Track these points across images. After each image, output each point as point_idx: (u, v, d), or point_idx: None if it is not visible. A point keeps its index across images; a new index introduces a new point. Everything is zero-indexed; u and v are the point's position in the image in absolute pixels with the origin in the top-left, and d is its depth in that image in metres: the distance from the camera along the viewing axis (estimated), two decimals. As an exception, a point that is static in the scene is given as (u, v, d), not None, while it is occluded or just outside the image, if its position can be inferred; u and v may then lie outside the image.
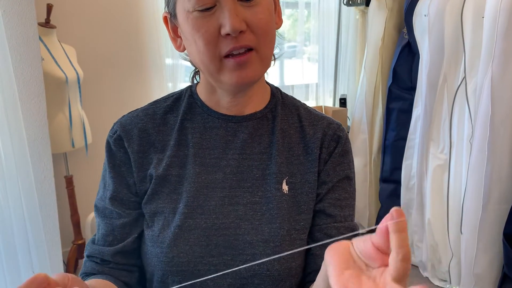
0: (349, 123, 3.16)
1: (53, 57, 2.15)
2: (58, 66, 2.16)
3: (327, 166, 0.76)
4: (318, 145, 0.76)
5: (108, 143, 0.76)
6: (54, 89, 2.11)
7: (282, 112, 0.78)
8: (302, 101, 0.83)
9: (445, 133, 2.47)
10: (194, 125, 0.75)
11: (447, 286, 2.31)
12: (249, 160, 0.73)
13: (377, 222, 2.75)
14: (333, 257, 0.42)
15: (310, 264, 0.74)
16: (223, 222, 0.70)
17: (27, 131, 1.63)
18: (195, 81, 0.83)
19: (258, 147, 0.74)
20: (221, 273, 0.67)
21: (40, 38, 2.02)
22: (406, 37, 2.68)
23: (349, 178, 0.77)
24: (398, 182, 2.78)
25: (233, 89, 0.71)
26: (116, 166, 0.75)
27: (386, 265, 0.39)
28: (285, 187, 0.73)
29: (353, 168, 0.79)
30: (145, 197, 0.73)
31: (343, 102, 3.25)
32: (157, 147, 0.74)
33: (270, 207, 0.71)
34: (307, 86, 3.34)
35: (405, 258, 0.37)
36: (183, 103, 0.77)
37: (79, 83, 2.29)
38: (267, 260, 0.68)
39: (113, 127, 0.77)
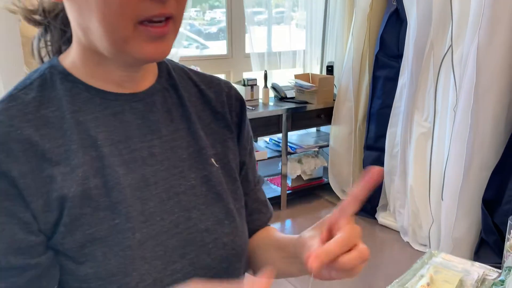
0: (335, 91, 3.15)
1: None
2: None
3: (243, 130, 0.72)
4: (227, 109, 0.70)
5: None
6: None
7: (178, 78, 0.68)
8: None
9: (430, 102, 2.49)
10: (90, 116, 0.58)
11: (427, 250, 2.39)
12: (169, 142, 0.63)
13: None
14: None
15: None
16: (171, 220, 0.60)
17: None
18: (38, 46, 0.65)
19: (172, 125, 0.64)
20: None
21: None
22: (395, 3, 2.65)
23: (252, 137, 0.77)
24: (382, 150, 2.82)
25: (139, 63, 0.59)
26: None
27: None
28: (213, 161, 0.66)
29: None
30: (60, 228, 0.53)
31: (330, 69, 3.23)
32: (51, 158, 0.54)
33: (211, 185, 0.64)
34: (294, 53, 3.30)
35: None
36: (59, 90, 0.58)
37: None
38: (229, 239, 0.63)
39: None
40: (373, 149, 2.91)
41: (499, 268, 0.99)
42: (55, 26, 0.63)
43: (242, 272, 0.69)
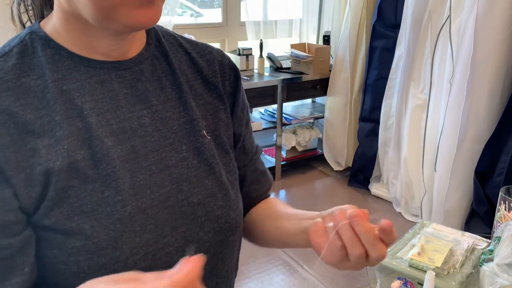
0: (332, 62, 3.12)
1: None
2: None
3: (238, 101, 0.70)
4: (219, 79, 0.68)
5: None
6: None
7: (168, 45, 0.66)
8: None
9: (426, 73, 2.47)
10: (75, 85, 0.55)
11: (418, 221, 2.43)
12: (159, 113, 0.61)
13: (354, 161, 2.82)
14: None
15: (244, 202, 0.72)
16: (161, 193, 0.58)
17: None
18: (19, 11, 0.62)
19: (162, 95, 0.62)
20: None
21: None
22: (394, -29, 2.60)
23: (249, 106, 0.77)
24: (377, 122, 2.82)
25: (129, 30, 0.56)
26: None
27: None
28: (205, 132, 0.64)
29: None
30: (46, 203, 0.52)
31: (326, 39, 3.19)
32: (34, 129, 0.52)
33: (203, 158, 0.63)
34: (290, 22, 3.25)
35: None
36: (40, 57, 0.55)
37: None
38: (222, 212, 0.62)
39: None
40: (368, 120, 2.91)
41: (489, 238, 1.01)
42: None
43: (236, 245, 0.69)
